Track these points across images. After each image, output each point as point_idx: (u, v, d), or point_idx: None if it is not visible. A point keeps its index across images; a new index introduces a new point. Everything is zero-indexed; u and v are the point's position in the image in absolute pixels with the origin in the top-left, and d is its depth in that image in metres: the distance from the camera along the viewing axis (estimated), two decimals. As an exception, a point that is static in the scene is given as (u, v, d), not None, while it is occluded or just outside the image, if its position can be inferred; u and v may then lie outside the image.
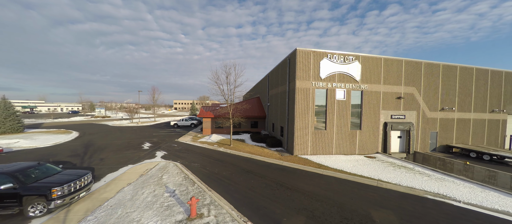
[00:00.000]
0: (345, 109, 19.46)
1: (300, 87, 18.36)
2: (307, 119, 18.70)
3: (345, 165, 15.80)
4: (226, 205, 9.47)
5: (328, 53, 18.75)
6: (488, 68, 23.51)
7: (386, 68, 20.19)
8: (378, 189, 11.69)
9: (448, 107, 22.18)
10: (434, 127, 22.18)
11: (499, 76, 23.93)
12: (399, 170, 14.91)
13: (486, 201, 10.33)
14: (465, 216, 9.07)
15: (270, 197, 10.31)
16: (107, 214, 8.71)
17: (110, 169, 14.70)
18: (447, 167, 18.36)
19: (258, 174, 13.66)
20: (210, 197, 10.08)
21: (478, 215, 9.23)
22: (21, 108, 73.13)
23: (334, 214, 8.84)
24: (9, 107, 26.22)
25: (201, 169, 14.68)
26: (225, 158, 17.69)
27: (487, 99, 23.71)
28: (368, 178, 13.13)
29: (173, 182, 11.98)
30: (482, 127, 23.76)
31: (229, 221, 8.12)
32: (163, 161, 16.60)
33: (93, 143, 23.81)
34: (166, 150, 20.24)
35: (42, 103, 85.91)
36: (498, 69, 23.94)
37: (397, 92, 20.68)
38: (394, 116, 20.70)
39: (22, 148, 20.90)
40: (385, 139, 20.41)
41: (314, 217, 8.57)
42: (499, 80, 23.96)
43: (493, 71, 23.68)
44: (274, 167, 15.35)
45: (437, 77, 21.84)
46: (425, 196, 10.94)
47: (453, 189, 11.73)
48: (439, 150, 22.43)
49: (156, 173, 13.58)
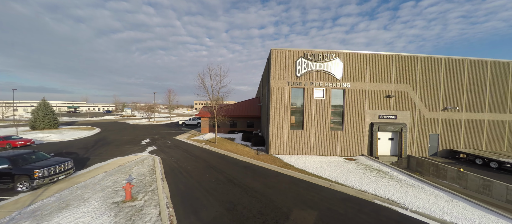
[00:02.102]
0: (325, 108, 18.85)
1: (275, 86, 18.50)
2: (282, 119, 18.71)
3: (313, 166, 15.48)
4: (165, 193, 10.53)
5: (305, 51, 18.47)
6: (509, 61, 19.97)
7: (373, 64, 18.89)
8: (327, 191, 11.39)
9: (453, 107, 19.57)
10: (435, 129, 19.81)
11: (525, 69, 20.10)
12: (369, 173, 14.02)
13: (441, 210, 9.29)
14: (400, 223, 8.43)
15: (209, 190, 11.02)
16: (69, 193, 10.57)
17: (101, 159, 17.14)
18: (440, 174, 16.43)
19: (219, 170, 14.43)
20: (157, 186, 11.27)
21: (411, 221, 8.46)
22: (67, 108, 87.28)
23: (254, 209, 9.14)
24: (48, 107, 32.03)
25: (173, 163, 16.09)
26: (202, 154, 18.88)
27: (508, 98, 20.13)
28: (326, 180, 12.80)
29: (138, 173, 13.56)
30: (501, 130, 20.26)
31: (154, 205, 9.16)
32: (147, 155, 18.56)
33: (105, 138, 27.51)
34: (158, 146, 22.38)
35: (83, 104, 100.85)
36: (525, 61, 20.13)
37: (386, 90, 19.16)
38: (383, 116, 19.20)
39: (51, 141, 25.39)
40: (371, 141, 19.09)
41: (232, 210, 9.03)
42: (525, 74, 20.12)
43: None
44: (240, 165, 15.91)
45: (438, 73, 19.48)
46: (373, 200, 10.31)
47: (412, 196, 10.75)
48: (441, 155, 19.93)
49: (132, 164, 15.43)
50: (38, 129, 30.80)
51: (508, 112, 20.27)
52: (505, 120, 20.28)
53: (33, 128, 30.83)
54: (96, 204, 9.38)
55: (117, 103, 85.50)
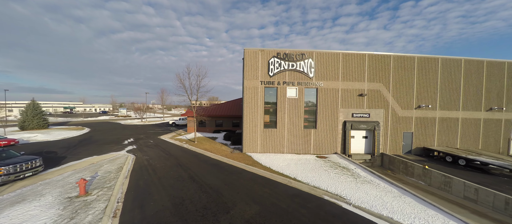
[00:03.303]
0: (298, 107, 19.10)
1: (248, 85, 18.79)
2: (256, 118, 19.00)
3: (280, 164, 15.74)
4: (121, 189, 10.88)
5: (277, 51, 18.75)
6: (483, 59, 20.04)
7: (345, 63, 19.10)
8: (281, 187, 11.65)
9: (426, 105, 19.69)
10: (409, 127, 19.95)
11: (499, 67, 20.16)
12: (333, 171, 14.25)
13: (383, 206, 9.52)
14: (337, 217, 8.66)
15: (166, 187, 11.35)
16: (31, 189, 10.96)
17: (77, 158, 17.54)
18: (408, 171, 16.61)
19: (186, 168, 14.76)
20: (116, 182, 11.62)
21: (355, 217, 8.70)
22: (63, 109, 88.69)
23: (200, 204, 9.45)
24: (37, 107, 32.66)
25: (145, 161, 16.45)
26: (177, 153, 19.23)
27: (482, 96, 20.21)
28: (285, 177, 13.07)
29: (106, 170, 13.93)
30: (475, 128, 20.33)
31: (104, 200, 9.52)
32: (123, 153, 18.96)
33: (91, 138, 27.99)
34: (138, 145, 22.78)
35: (80, 104, 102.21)
36: (498, 59, 20.17)
37: (359, 89, 19.35)
38: (356, 115, 19.40)
39: (36, 141, 25.91)
40: (344, 139, 19.29)
41: (179, 204, 9.34)
42: (499, 72, 20.18)
43: (491, 62, 20.08)
44: (210, 163, 16.23)
45: (412, 71, 19.63)
46: (322, 196, 10.55)
47: (363, 192, 10.97)
48: (415, 153, 20.05)
49: (103, 163, 15.82)
50: (27, 129, 31.43)
51: (482, 110, 20.34)
52: (479, 118, 20.35)
53: (22, 128, 31.46)
54: (51, 198, 9.75)
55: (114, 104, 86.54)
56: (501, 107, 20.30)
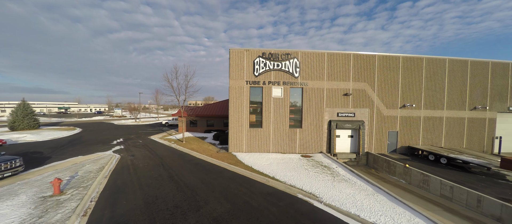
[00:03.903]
0: (283, 107, 19.20)
1: (233, 85, 18.87)
2: (241, 117, 19.08)
3: (263, 163, 15.84)
4: (98, 189, 10.93)
5: (263, 51, 18.85)
6: (467, 59, 20.24)
7: (330, 63, 19.23)
8: (258, 186, 11.74)
9: (410, 104, 19.85)
10: (394, 126, 20.11)
11: (483, 67, 20.37)
12: (313, 169, 14.36)
13: (354, 204, 9.63)
14: (305, 215, 8.77)
15: (143, 186, 11.41)
16: (8, 188, 10.96)
17: (61, 158, 17.54)
18: (391, 170, 16.75)
19: (168, 167, 14.82)
20: (93, 182, 11.67)
21: (322, 215, 8.81)
22: (57, 109, 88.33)
23: (172, 202, 9.52)
24: (27, 108, 32.57)
25: (128, 161, 16.49)
26: (163, 153, 19.28)
27: (466, 95, 20.40)
28: (265, 176, 13.16)
29: (87, 170, 13.97)
30: (460, 127, 20.52)
31: (77, 199, 9.57)
32: (109, 153, 18.98)
33: (80, 138, 27.95)
34: (126, 145, 22.79)
35: (75, 104, 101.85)
36: (483, 59, 20.38)
37: (344, 89, 19.49)
38: (341, 114, 19.53)
39: (25, 141, 25.83)
40: (330, 138, 19.41)
41: (151, 203, 9.41)
42: (483, 72, 20.38)
43: (475, 61, 20.29)
44: (193, 162, 16.30)
45: (396, 71, 19.79)
46: (296, 194, 10.66)
47: (337, 190, 11.08)
48: (400, 152, 20.22)
49: (86, 163, 15.84)
50: (17, 130, 31.32)
51: (466, 109, 20.54)
52: (464, 117, 20.55)
53: (12, 129, 31.36)
54: (24, 198, 9.79)
55: (109, 104, 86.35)
56: (484, 106, 20.50)
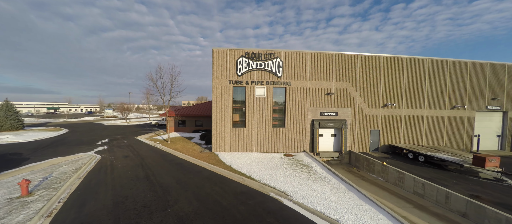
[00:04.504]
0: (267, 106, 19.29)
1: (216, 85, 18.87)
2: (224, 117, 19.09)
3: (243, 162, 15.88)
4: (69, 189, 10.81)
5: (245, 51, 18.89)
6: (447, 59, 20.71)
7: (313, 63, 19.40)
8: (233, 185, 11.79)
9: (391, 103, 20.19)
10: (376, 125, 20.42)
11: (462, 67, 20.88)
12: (292, 168, 14.49)
13: (322, 202, 9.75)
14: (272, 213, 8.86)
15: (116, 186, 11.33)
16: (-24, 192, 10.75)
17: (39, 159, 17.19)
18: (370, 168, 17.02)
19: (147, 167, 14.73)
20: (65, 183, 11.52)
21: (288, 213, 8.91)
22: (46, 109, 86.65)
23: (142, 202, 9.49)
24: (11, 108, 31.87)
25: (108, 161, 16.32)
26: (146, 153, 19.15)
27: (446, 94, 20.87)
28: (242, 175, 13.22)
29: (62, 171, 13.76)
30: (440, 126, 20.98)
31: (44, 200, 9.45)
32: (90, 154, 18.74)
33: (65, 139, 27.50)
34: (110, 146, 22.52)
35: (65, 105, 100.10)
36: (461, 59, 20.88)
37: (327, 88, 19.69)
38: (324, 113, 19.73)
39: (6, 143, 25.28)
40: (312, 137, 19.60)
41: (120, 203, 9.36)
42: (462, 72, 20.89)
43: (454, 62, 20.77)
44: (174, 162, 16.25)
45: (378, 71, 20.10)
46: (268, 193, 10.75)
47: (309, 188, 11.21)
48: (382, 150, 20.54)
49: (64, 164, 15.61)
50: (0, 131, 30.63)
51: (446, 108, 21.01)
52: (443, 116, 21.01)
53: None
54: (-10, 200, 9.60)
55: (101, 104, 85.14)
56: (463, 105, 21.01)
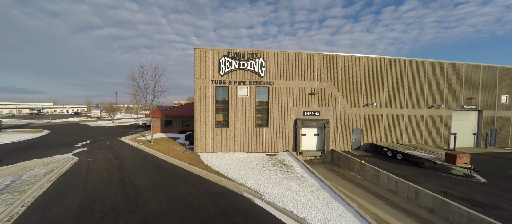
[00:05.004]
0: (250, 106, 19.29)
1: (198, 85, 18.71)
2: (207, 117, 18.96)
3: (222, 162, 15.83)
4: (35, 193, 10.45)
5: (228, 50, 18.82)
6: (425, 60, 21.35)
7: (296, 63, 19.55)
8: (209, 186, 11.73)
9: (371, 103, 20.62)
10: (357, 124, 20.82)
11: (439, 68, 21.59)
12: (271, 168, 14.55)
13: (292, 200, 9.85)
14: (241, 213, 8.86)
15: (86, 189, 11.05)
16: None
17: (12, 162, 16.49)
18: (350, 166, 17.32)
19: (124, 169, 14.44)
20: (34, 186, 11.13)
21: (257, 212, 8.95)
22: (29, 110, 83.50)
23: (110, 205, 9.30)
24: (-13, 109, 30.56)
25: (85, 163, 15.89)
26: (127, 154, 18.78)
27: (424, 94, 21.53)
28: (219, 175, 13.19)
29: (33, 174, 13.29)
30: (419, 124, 21.63)
31: (8, 204, 9.11)
32: (67, 156, 18.18)
33: (44, 141, 26.57)
34: (91, 147, 21.94)
35: (50, 105, 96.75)
36: (439, 60, 21.59)
37: (310, 88, 19.89)
38: (307, 113, 19.93)
39: (-19, 144, 24.15)
40: (295, 137, 19.76)
41: (87, 206, 9.14)
42: (439, 72, 21.60)
43: (432, 62, 21.44)
44: (153, 163, 16.00)
45: (359, 71, 20.48)
46: (242, 193, 10.76)
47: (284, 187, 11.29)
48: (364, 149, 20.97)
49: (36, 166, 15.07)
50: (-25, 132, 29.27)
51: (425, 107, 21.66)
52: (422, 115, 21.66)
53: (-30, 132, 29.25)
54: None
55: (88, 104, 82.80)
56: (441, 105, 21.73)
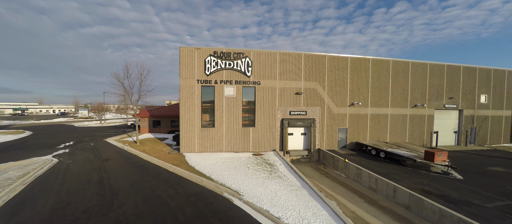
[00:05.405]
0: (236, 106, 19.22)
1: (184, 84, 18.48)
2: (193, 117, 18.76)
3: (207, 163, 15.70)
4: (6, 197, 10.03)
5: (214, 49, 18.68)
6: (408, 60, 21.88)
7: (282, 63, 19.62)
8: (189, 186, 11.61)
9: (357, 102, 20.97)
10: (343, 124, 21.12)
11: (422, 68, 22.19)
12: (255, 167, 14.54)
13: (271, 200, 9.87)
14: (217, 213, 8.81)
15: (61, 192, 10.71)
16: None
17: (-13, 165, 15.88)
18: (335, 165, 17.54)
19: (104, 171, 14.09)
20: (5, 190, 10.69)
21: (234, 212, 8.92)
22: (12, 110, 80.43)
23: (83, 208, 9.04)
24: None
25: (64, 166, 15.40)
26: (110, 155, 18.35)
27: (408, 94, 22.08)
28: (201, 176, 13.09)
29: (6, 177, 12.76)
30: (402, 123, 22.17)
31: (-30, 211, 8.69)
32: (46, 158, 17.56)
33: (24, 142, 25.60)
34: (74, 149, 21.30)
35: (35, 105, 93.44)
36: (421, 61, 22.20)
37: (296, 88, 20.01)
38: (293, 112, 20.05)
39: (-45, 147, 23.02)
40: (282, 136, 19.85)
41: (59, 209, 8.86)
42: (422, 72, 22.21)
43: (415, 63, 22.01)
44: (136, 165, 15.70)
45: (345, 71, 20.77)
46: (221, 193, 10.70)
47: (264, 187, 11.30)
48: (350, 148, 21.30)
49: (12, 169, 14.51)
50: (-50, 134, 27.88)
51: (408, 107, 22.21)
52: (406, 114, 22.21)
53: None
54: None
55: (76, 104, 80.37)
56: (423, 104, 22.34)
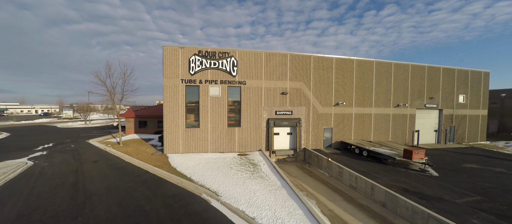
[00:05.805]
0: (221, 106, 19.08)
1: (168, 84, 18.15)
2: (177, 117, 18.46)
3: (189, 163, 15.51)
4: (-33, 203, 9.50)
5: (199, 49, 18.45)
6: (391, 62, 22.49)
7: (268, 63, 19.65)
8: (168, 188, 11.41)
9: (341, 102, 21.34)
10: (329, 123, 21.43)
11: (404, 69, 22.86)
12: (238, 168, 14.48)
13: (249, 200, 9.86)
14: (192, 215, 8.69)
15: (32, 196, 10.26)
16: None
17: (-46, 169, 14.98)
18: (319, 164, 17.76)
19: (80, 174, 13.61)
20: (-32, 195, 10.12)
21: (209, 214, 8.84)
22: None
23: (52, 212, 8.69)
24: None
25: (39, 169, 14.76)
26: (90, 157, 17.76)
27: (391, 94, 22.69)
28: (181, 177, 12.93)
29: (-27, 181, 12.10)
30: (385, 123, 22.77)
31: None
32: (20, 161, 16.77)
33: (2, 144, 24.35)
34: (52, 151, 20.45)
35: (16, 105, 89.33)
36: (403, 62, 22.86)
37: (282, 88, 20.10)
38: (279, 112, 20.14)
39: None
40: (268, 136, 19.89)
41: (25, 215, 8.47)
42: (404, 73, 22.88)
43: (397, 64, 22.64)
44: (116, 166, 15.27)
45: (330, 71, 21.06)
46: (200, 194, 10.60)
47: (244, 187, 11.26)
48: (335, 147, 21.65)
49: (-19, 172, 13.76)
50: None
51: (391, 106, 22.83)
52: (389, 114, 22.81)
53: None
54: None
55: (61, 104, 77.33)
56: (405, 104, 23.02)
